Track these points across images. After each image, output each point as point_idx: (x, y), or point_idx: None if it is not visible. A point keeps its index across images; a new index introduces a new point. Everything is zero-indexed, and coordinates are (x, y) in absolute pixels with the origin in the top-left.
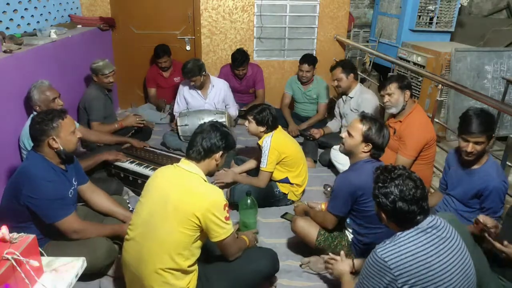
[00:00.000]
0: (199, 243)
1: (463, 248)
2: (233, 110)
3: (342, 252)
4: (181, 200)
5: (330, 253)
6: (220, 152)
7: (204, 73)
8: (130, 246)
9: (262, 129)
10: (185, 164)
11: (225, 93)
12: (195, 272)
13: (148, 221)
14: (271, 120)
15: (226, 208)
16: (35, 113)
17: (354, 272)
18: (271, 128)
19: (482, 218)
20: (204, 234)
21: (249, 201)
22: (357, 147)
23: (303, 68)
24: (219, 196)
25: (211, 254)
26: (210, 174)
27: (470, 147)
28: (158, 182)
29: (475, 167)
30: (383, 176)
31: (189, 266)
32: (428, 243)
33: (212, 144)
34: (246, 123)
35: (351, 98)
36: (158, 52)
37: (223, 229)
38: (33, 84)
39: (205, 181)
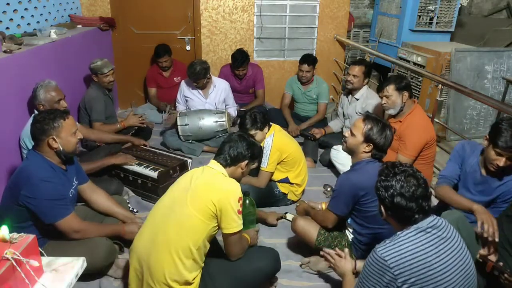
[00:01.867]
0: (212, 234)
1: (464, 248)
2: (233, 111)
3: (346, 250)
4: (200, 187)
5: (337, 249)
6: (246, 161)
7: (208, 75)
8: (147, 230)
9: (254, 132)
10: (211, 163)
11: (226, 93)
12: (201, 269)
13: (170, 206)
14: (255, 122)
15: (240, 202)
16: (36, 112)
17: (355, 274)
18: (261, 125)
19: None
20: (216, 226)
21: (247, 201)
22: (358, 147)
23: (303, 68)
24: (236, 188)
25: (214, 253)
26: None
27: (502, 162)
28: (184, 177)
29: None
30: (387, 170)
31: (199, 257)
32: (428, 242)
33: (238, 153)
34: None
35: (357, 99)
36: (159, 51)
37: (235, 221)
38: (39, 83)
39: (226, 176)
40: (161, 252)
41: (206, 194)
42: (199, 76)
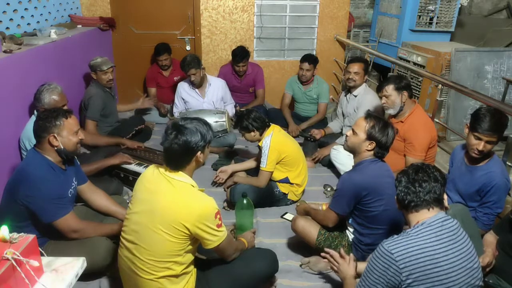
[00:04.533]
0: (191, 248)
1: (473, 251)
2: (230, 108)
3: (351, 254)
4: (168, 210)
5: (342, 250)
6: (199, 152)
7: (203, 67)
8: (124, 254)
9: (253, 134)
10: (171, 173)
11: (223, 91)
12: (192, 273)
13: (138, 232)
14: (254, 122)
15: (218, 216)
16: (36, 113)
17: (356, 275)
18: (260, 128)
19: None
20: (195, 240)
21: (245, 201)
22: (361, 145)
23: (303, 67)
24: (209, 205)
25: (210, 256)
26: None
27: (481, 146)
28: (146, 190)
29: (480, 164)
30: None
31: (183, 270)
32: (438, 241)
33: (184, 152)
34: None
35: (355, 96)
36: (158, 49)
37: (215, 236)
38: (45, 86)
39: (193, 186)
40: (144, 278)
41: (175, 217)
42: (194, 65)
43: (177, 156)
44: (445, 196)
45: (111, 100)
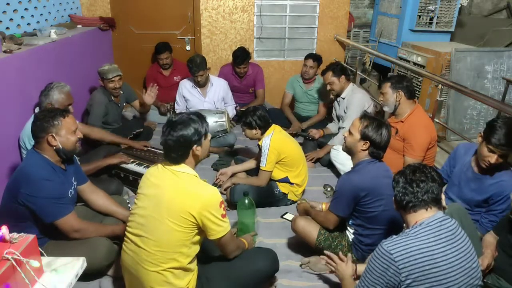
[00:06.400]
0: (197, 238)
1: (472, 251)
2: (231, 109)
3: (349, 255)
4: (174, 200)
5: (340, 253)
6: (195, 145)
7: (208, 67)
8: (129, 248)
9: (255, 131)
10: (174, 166)
11: (224, 91)
12: (195, 271)
13: (145, 225)
14: (258, 120)
15: (222, 206)
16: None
17: (355, 278)
18: (263, 127)
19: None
20: (202, 230)
21: (246, 201)
22: (356, 145)
23: (307, 63)
24: (214, 194)
25: (211, 255)
26: (201, 161)
27: (494, 159)
28: (151, 184)
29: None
30: (413, 166)
31: (188, 264)
32: (436, 241)
33: (179, 147)
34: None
35: (343, 99)
36: (159, 47)
37: (220, 226)
38: (55, 83)
39: (196, 176)
40: (150, 271)
41: (181, 206)
42: (202, 67)
43: (174, 151)
44: (443, 196)
45: (115, 109)
